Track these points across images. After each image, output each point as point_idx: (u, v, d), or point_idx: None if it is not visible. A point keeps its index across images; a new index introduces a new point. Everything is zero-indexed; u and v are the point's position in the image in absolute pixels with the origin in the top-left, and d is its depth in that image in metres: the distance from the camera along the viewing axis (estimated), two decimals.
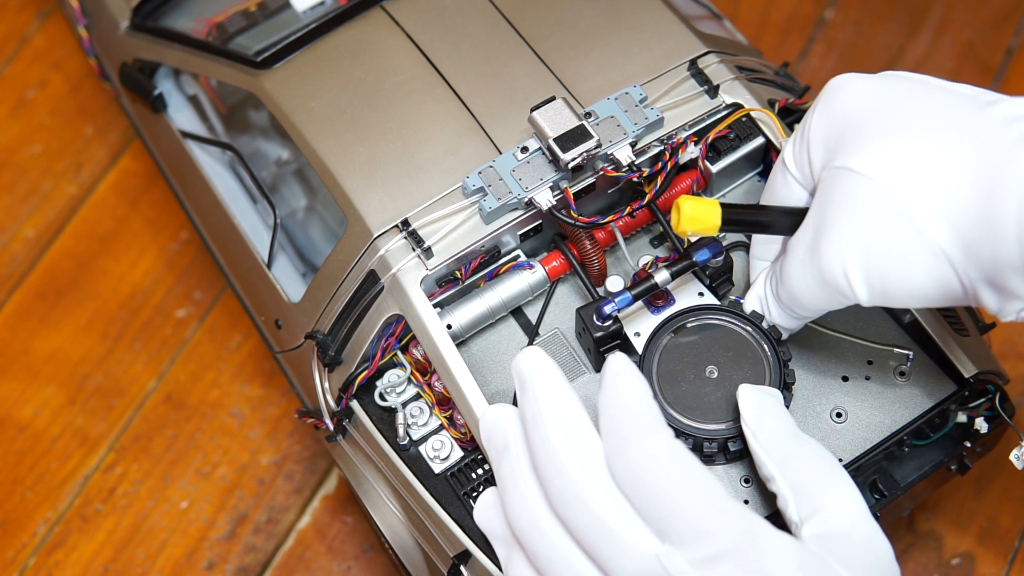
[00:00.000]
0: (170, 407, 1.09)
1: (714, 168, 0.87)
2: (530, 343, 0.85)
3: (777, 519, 0.73)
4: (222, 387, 1.10)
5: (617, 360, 0.70)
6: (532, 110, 0.83)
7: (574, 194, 0.83)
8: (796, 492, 0.72)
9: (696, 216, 0.77)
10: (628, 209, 0.84)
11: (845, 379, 0.83)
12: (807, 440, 0.75)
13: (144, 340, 1.12)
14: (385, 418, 0.85)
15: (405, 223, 0.83)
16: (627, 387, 0.69)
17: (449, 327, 0.83)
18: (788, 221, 0.78)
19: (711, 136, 0.86)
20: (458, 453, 0.83)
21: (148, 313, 1.13)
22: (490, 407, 0.75)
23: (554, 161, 0.82)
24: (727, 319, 0.81)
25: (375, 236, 0.83)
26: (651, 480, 0.67)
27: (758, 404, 0.77)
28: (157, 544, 1.04)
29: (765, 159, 0.89)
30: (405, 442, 0.84)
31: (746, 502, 0.79)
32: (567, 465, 0.69)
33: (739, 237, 0.88)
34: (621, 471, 0.68)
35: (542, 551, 0.71)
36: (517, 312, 0.86)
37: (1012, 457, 0.81)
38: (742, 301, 0.82)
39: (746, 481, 0.79)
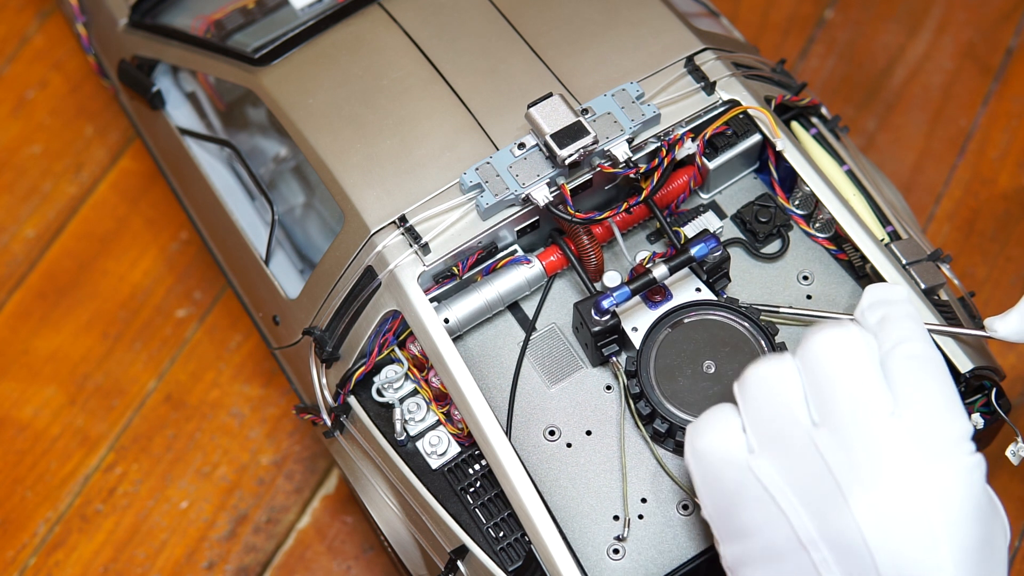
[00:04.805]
0: (170, 407, 1.09)
1: (711, 164, 0.87)
2: (527, 338, 0.85)
3: None
4: (222, 387, 1.10)
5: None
6: (529, 106, 0.83)
7: (571, 190, 0.84)
8: None
9: None
10: (625, 205, 0.84)
11: None
12: None
13: (144, 340, 1.12)
14: (382, 414, 0.85)
15: (402, 219, 0.83)
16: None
17: (446, 321, 0.83)
18: None
19: (708, 132, 0.86)
20: (455, 449, 0.83)
21: (148, 313, 1.13)
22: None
23: (551, 157, 0.83)
24: (724, 314, 0.81)
25: (372, 232, 0.83)
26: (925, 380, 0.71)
27: None
28: (157, 544, 1.04)
29: (761, 156, 0.89)
30: (402, 438, 0.84)
31: None
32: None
33: (736, 233, 0.88)
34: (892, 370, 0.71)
35: (796, 447, 0.70)
36: (514, 307, 0.86)
37: (1008, 453, 0.81)
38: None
39: None
